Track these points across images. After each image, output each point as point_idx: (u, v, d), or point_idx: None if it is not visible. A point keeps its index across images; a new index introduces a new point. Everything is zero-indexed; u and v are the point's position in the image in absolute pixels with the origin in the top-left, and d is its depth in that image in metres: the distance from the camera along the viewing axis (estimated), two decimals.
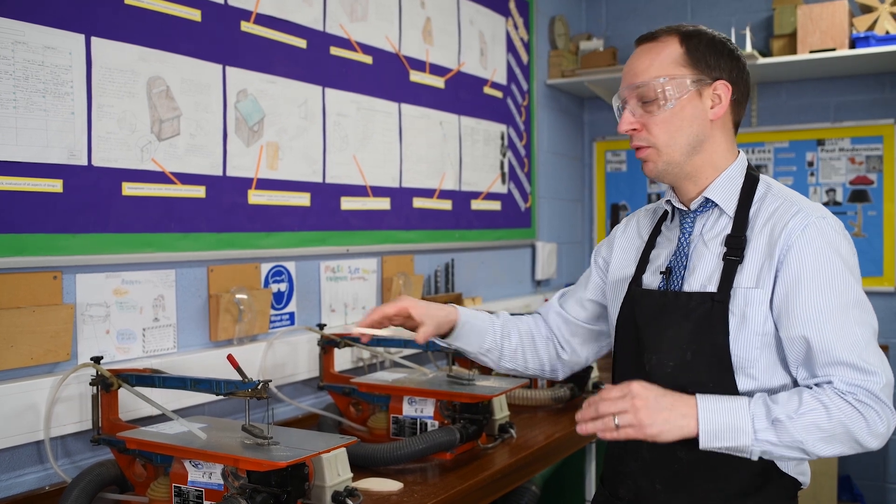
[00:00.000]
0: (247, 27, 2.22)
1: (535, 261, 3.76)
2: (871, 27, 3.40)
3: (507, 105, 3.51)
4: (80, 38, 1.80)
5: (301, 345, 2.34)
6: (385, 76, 2.74)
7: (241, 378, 1.56)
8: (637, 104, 1.49)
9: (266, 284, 2.29)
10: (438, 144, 3.03)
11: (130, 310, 1.93)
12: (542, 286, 3.87)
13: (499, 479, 1.97)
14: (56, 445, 1.76)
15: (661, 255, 1.57)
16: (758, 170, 1.57)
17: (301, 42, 2.39)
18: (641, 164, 1.54)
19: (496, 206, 3.42)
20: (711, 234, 1.49)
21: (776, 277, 1.40)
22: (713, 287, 1.44)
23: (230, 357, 1.56)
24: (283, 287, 2.36)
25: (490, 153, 3.37)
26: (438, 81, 3.03)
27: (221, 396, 1.65)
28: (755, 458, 1.36)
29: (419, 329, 1.61)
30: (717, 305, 1.42)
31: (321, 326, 2.34)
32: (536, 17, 3.79)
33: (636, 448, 1.49)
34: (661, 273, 1.53)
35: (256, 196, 2.25)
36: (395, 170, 2.80)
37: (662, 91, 1.46)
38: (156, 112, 1.97)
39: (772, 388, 1.42)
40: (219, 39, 2.13)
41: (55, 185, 1.76)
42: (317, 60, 2.45)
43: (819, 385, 1.36)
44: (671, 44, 1.48)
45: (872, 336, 1.37)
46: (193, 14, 2.06)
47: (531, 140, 3.72)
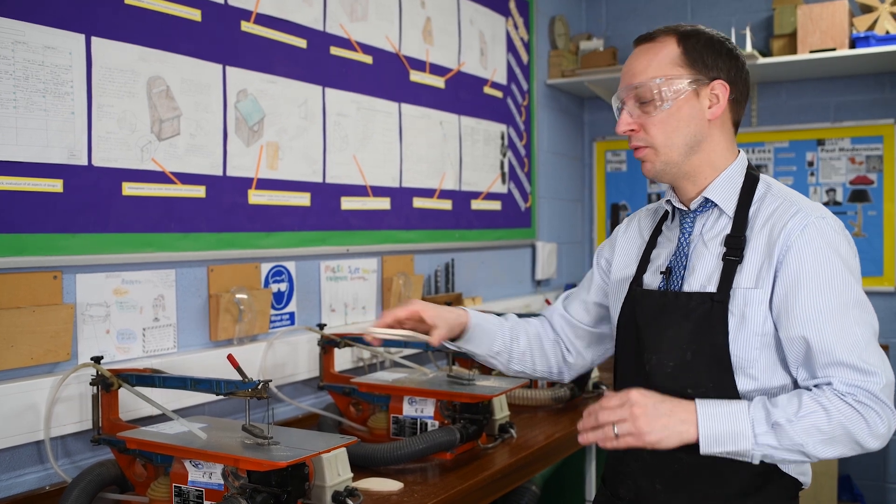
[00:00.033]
0: (247, 27, 2.22)
1: (536, 261, 3.76)
2: (872, 27, 3.40)
3: (508, 105, 3.51)
4: (81, 38, 1.80)
5: (301, 345, 2.34)
6: (385, 76, 2.74)
7: (242, 378, 1.56)
8: (635, 105, 1.49)
9: (266, 284, 2.29)
10: (438, 144, 3.03)
11: (130, 310, 1.93)
12: (542, 286, 3.87)
13: (499, 479, 1.97)
14: (56, 445, 1.76)
15: (662, 255, 1.57)
16: (758, 169, 1.56)
17: (301, 42, 2.39)
18: (640, 165, 1.54)
19: (496, 206, 3.42)
20: (711, 234, 1.49)
21: (775, 278, 1.39)
22: (713, 287, 1.44)
23: (230, 357, 1.56)
24: (284, 287, 2.36)
25: (490, 153, 3.37)
26: (438, 81, 3.02)
27: (221, 396, 1.65)
28: (756, 463, 1.36)
29: (432, 332, 1.60)
30: (717, 306, 1.42)
31: (321, 326, 2.34)
32: (536, 17, 3.79)
33: (636, 448, 1.49)
34: (662, 273, 1.53)
35: (256, 196, 2.25)
36: (396, 170, 2.80)
37: (659, 91, 1.45)
38: (156, 112, 1.97)
39: (772, 388, 1.41)
40: (219, 39, 2.13)
41: (55, 185, 1.76)
42: (317, 60, 2.45)
43: (819, 386, 1.36)
44: (668, 44, 1.48)
45: (873, 336, 1.37)
46: (193, 14, 2.06)
47: (531, 140, 3.72)
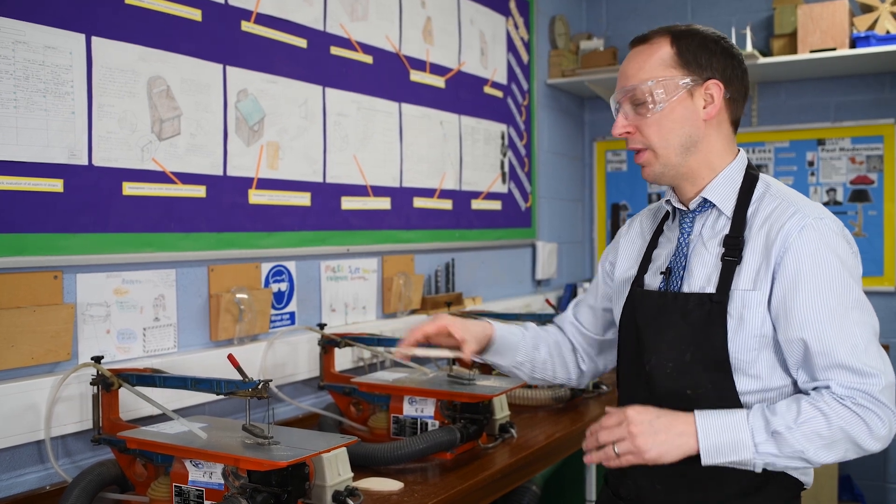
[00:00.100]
0: (247, 27, 2.22)
1: (536, 260, 3.76)
2: (872, 27, 3.40)
3: (508, 105, 3.51)
4: (81, 38, 1.80)
5: (301, 344, 2.34)
6: (385, 76, 2.74)
7: (242, 378, 1.56)
8: (630, 107, 1.49)
9: (266, 284, 2.29)
10: (439, 144, 3.03)
11: (131, 309, 1.93)
12: (543, 286, 3.86)
13: (499, 479, 1.97)
14: (57, 445, 1.76)
15: (662, 255, 1.57)
16: (758, 169, 1.56)
17: (301, 42, 2.39)
18: (641, 170, 1.54)
19: (496, 206, 3.42)
20: (710, 235, 1.49)
21: (773, 280, 1.39)
22: (712, 288, 1.44)
23: (230, 357, 1.56)
24: (284, 287, 2.36)
25: (490, 153, 3.37)
26: (439, 81, 3.02)
27: (222, 396, 1.65)
28: (759, 471, 1.36)
29: (463, 347, 1.60)
30: (716, 307, 1.41)
31: (322, 326, 2.34)
32: (537, 17, 3.79)
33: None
34: (662, 273, 1.53)
35: (257, 196, 2.25)
36: (396, 169, 2.80)
37: (652, 93, 1.45)
38: (156, 112, 1.97)
39: (772, 389, 1.41)
40: (219, 39, 2.13)
41: (56, 185, 1.76)
42: (317, 60, 2.45)
43: (818, 390, 1.36)
44: (662, 45, 1.48)
45: (873, 337, 1.36)
46: (194, 14, 2.06)
47: (531, 140, 3.72)
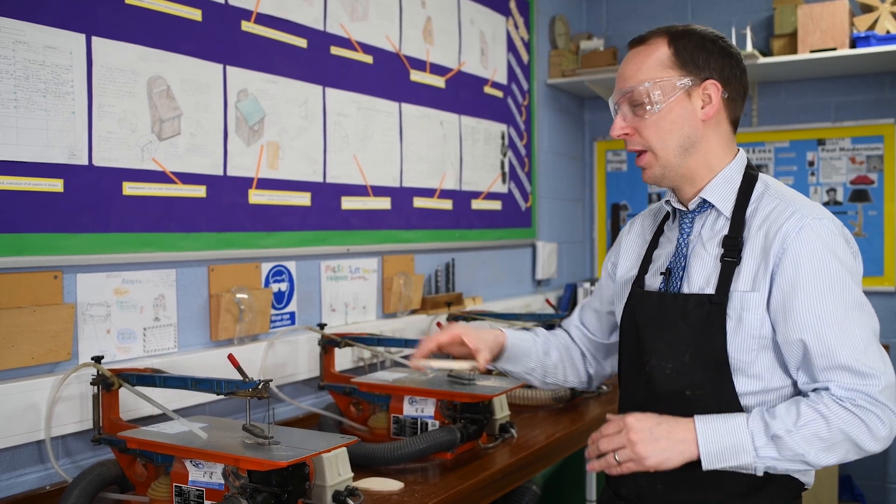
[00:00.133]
0: (247, 27, 2.22)
1: (536, 260, 3.76)
2: (872, 27, 3.40)
3: (508, 105, 3.51)
4: (81, 38, 1.80)
5: (301, 344, 2.34)
6: (385, 76, 2.74)
7: (242, 378, 1.56)
8: (628, 108, 1.49)
9: (266, 284, 2.29)
10: (439, 144, 3.03)
11: (131, 309, 1.93)
12: (543, 286, 3.86)
13: (499, 479, 1.97)
14: (57, 445, 1.76)
15: (662, 256, 1.57)
16: (758, 169, 1.55)
17: (301, 42, 2.39)
18: (641, 173, 1.53)
19: (496, 206, 3.42)
20: (709, 235, 1.49)
21: (772, 281, 1.39)
22: (711, 289, 1.43)
23: (231, 357, 1.56)
24: (284, 287, 2.36)
25: (490, 153, 3.37)
26: (439, 81, 3.02)
27: (222, 396, 1.65)
28: (760, 474, 1.36)
29: (477, 356, 1.61)
30: (715, 308, 1.41)
31: (322, 326, 2.34)
32: (537, 17, 3.79)
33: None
34: (662, 274, 1.53)
35: (257, 196, 2.25)
36: (396, 169, 2.80)
37: (649, 95, 1.45)
38: (156, 112, 1.97)
39: (772, 390, 1.41)
40: (219, 39, 2.13)
41: (56, 185, 1.76)
42: (317, 60, 2.45)
43: (817, 391, 1.36)
44: (660, 46, 1.47)
45: (873, 337, 1.36)
46: (194, 14, 2.06)
47: (532, 140, 3.72)
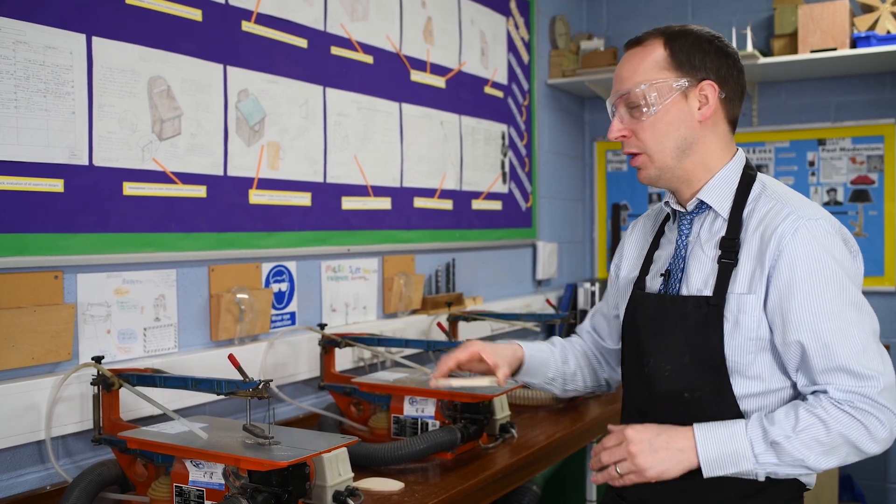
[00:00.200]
0: (248, 27, 2.22)
1: (536, 260, 3.76)
2: (872, 27, 3.40)
3: (508, 105, 3.51)
4: (81, 38, 1.80)
5: (302, 344, 2.34)
6: (386, 76, 2.74)
7: (242, 378, 1.56)
8: (625, 110, 1.49)
9: (267, 284, 2.29)
10: (439, 144, 3.03)
11: (131, 309, 1.93)
12: (543, 286, 3.86)
13: (500, 479, 1.97)
14: (57, 445, 1.76)
15: (662, 257, 1.57)
16: (756, 169, 1.55)
17: (302, 42, 2.39)
18: (637, 173, 1.53)
19: (497, 206, 3.42)
20: (707, 237, 1.49)
21: (768, 283, 1.38)
22: (709, 291, 1.43)
23: (231, 357, 1.56)
24: (284, 287, 2.36)
25: (491, 153, 3.36)
26: (439, 81, 3.02)
27: (222, 396, 1.65)
28: (762, 479, 1.36)
29: (496, 371, 1.61)
30: (712, 310, 1.41)
31: (322, 326, 2.34)
32: (537, 17, 3.79)
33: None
34: (661, 275, 1.53)
35: (257, 196, 2.25)
36: (396, 169, 2.80)
37: (645, 97, 1.45)
38: (157, 112, 1.97)
39: (772, 391, 1.41)
40: (220, 39, 2.13)
41: (56, 185, 1.76)
42: (318, 60, 2.45)
43: (816, 394, 1.36)
44: (656, 47, 1.47)
45: (872, 337, 1.36)
46: (194, 14, 2.06)
47: (532, 140, 3.72)
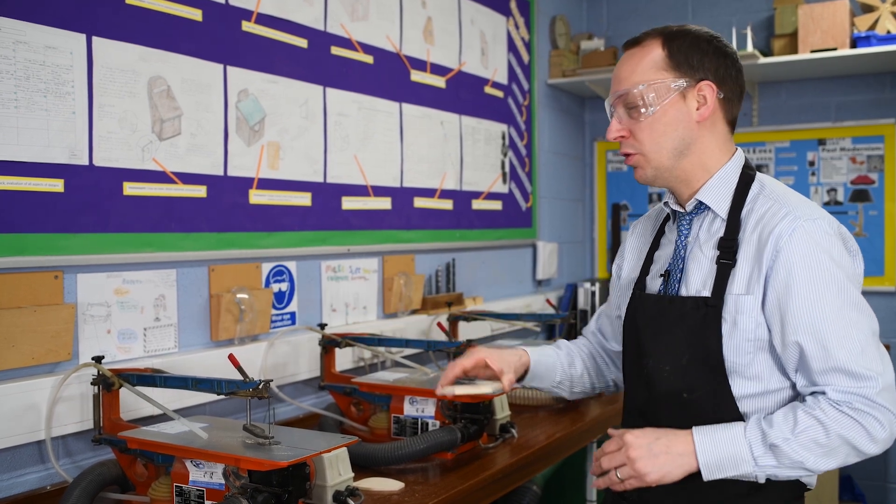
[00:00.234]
0: (248, 27, 2.22)
1: (536, 260, 3.76)
2: (873, 27, 3.40)
3: (508, 105, 3.51)
4: (82, 38, 1.80)
5: (302, 344, 2.34)
6: (386, 76, 2.74)
7: (243, 378, 1.56)
8: (624, 111, 1.49)
9: (267, 284, 2.29)
10: (439, 144, 3.03)
11: (131, 309, 1.93)
12: (543, 286, 3.86)
13: (500, 479, 1.97)
14: (57, 445, 1.76)
15: (662, 258, 1.57)
16: (755, 169, 1.54)
17: (302, 42, 2.39)
18: (633, 172, 1.53)
19: (497, 206, 3.42)
20: (706, 237, 1.48)
21: (766, 284, 1.38)
22: (707, 292, 1.43)
23: (231, 357, 1.56)
24: (284, 287, 2.36)
25: (491, 153, 3.36)
26: (439, 81, 3.02)
27: (223, 396, 1.65)
28: (762, 482, 1.36)
29: (502, 378, 1.65)
30: (711, 311, 1.41)
31: (322, 326, 2.34)
32: (537, 17, 3.79)
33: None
34: (661, 276, 1.53)
35: (257, 196, 2.25)
36: (396, 169, 2.80)
37: (643, 97, 1.45)
38: (157, 112, 1.97)
39: (771, 392, 1.41)
40: (220, 39, 2.13)
41: (56, 185, 1.76)
42: (318, 60, 2.45)
43: (815, 395, 1.36)
44: (654, 48, 1.47)
45: (871, 338, 1.35)
46: (194, 14, 2.06)
47: (532, 140, 3.72)
